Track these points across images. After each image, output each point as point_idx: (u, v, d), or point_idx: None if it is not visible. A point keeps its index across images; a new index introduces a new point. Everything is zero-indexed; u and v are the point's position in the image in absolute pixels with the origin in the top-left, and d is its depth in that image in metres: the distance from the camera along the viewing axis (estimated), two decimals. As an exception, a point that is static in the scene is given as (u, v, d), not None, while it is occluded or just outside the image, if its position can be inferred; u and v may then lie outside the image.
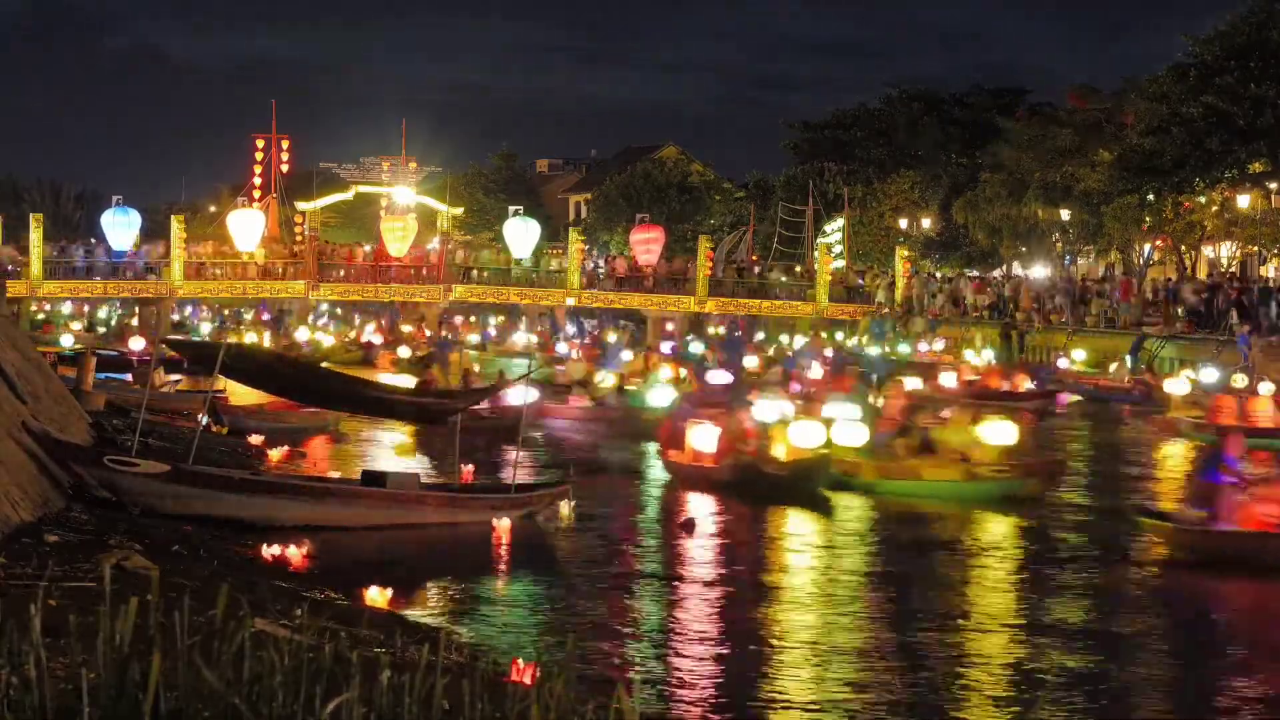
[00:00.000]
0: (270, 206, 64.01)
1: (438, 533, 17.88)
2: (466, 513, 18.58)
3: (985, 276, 61.92)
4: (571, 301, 59.86)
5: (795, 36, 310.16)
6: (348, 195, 71.16)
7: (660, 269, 59.44)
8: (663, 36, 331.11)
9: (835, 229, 68.56)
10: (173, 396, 30.05)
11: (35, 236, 55.91)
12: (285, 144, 67.54)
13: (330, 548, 16.17)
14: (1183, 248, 52.89)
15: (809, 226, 69.43)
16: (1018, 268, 63.72)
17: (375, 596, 13.28)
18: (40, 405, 19.56)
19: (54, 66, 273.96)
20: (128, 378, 33.50)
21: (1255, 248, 49.71)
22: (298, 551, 15.54)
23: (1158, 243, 54.59)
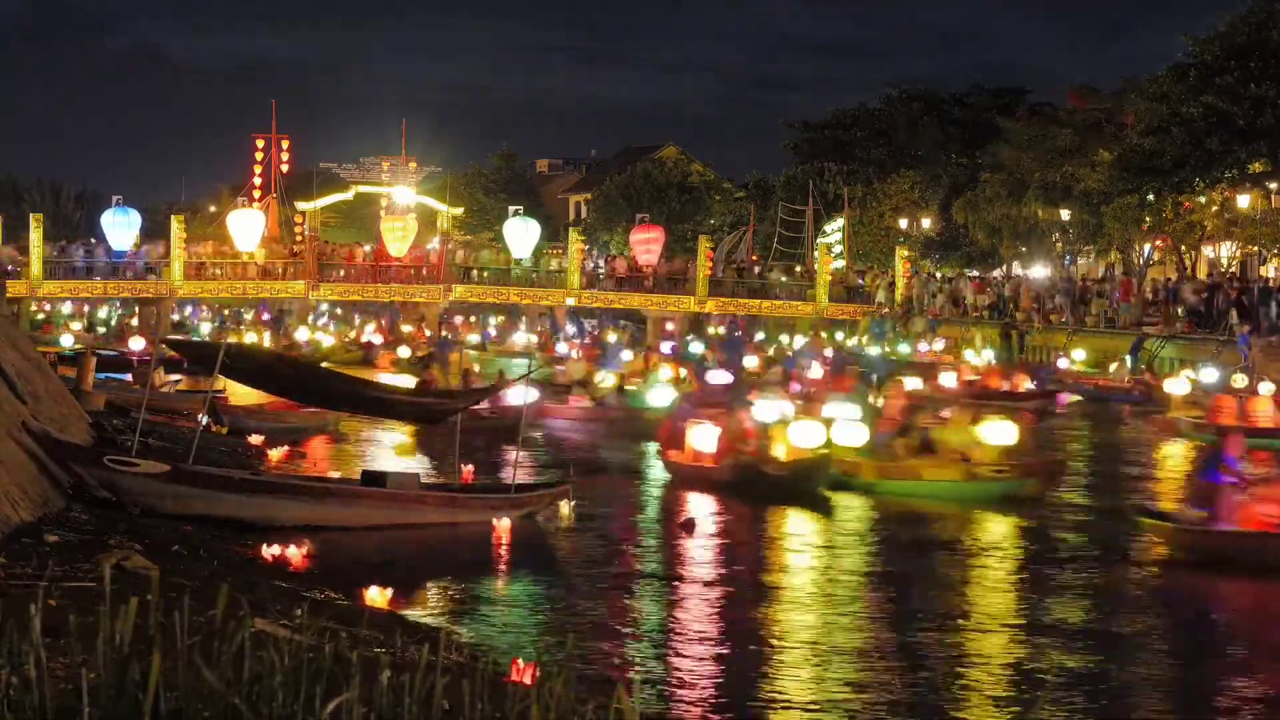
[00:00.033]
0: (270, 206, 64.00)
1: (438, 533, 17.87)
2: (466, 513, 18.59)
3: (985, 276, 61.94)
4: (571, 301, 59.88)
5: (795, 36, 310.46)
6: (348, 195, 71.18)
7: (660, 269, 59.45)
8: (663, 36, 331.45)
9: (835, 229, 68.57)
10: (173, 396, 30.07)
11: (35, 236, 55.92)
12: (285, 144, 67.52)
13: (330, 548, 16.16)
14: (1183, 248, 52.89)
15: (809, 226, 69.43)
16: (1018, 268, 63.73)
17: (375, 596, 13.28)
18: (40, 405, 19.56)
19: (54, 66, 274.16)
20: (128, 378, 33.51)
21: (1255, 248, 49.71)
22: (298, 551, 15.54)
23: (1158, 243, 54.59)
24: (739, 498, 21.02)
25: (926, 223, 66.89)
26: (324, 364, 33.29)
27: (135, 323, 58.01)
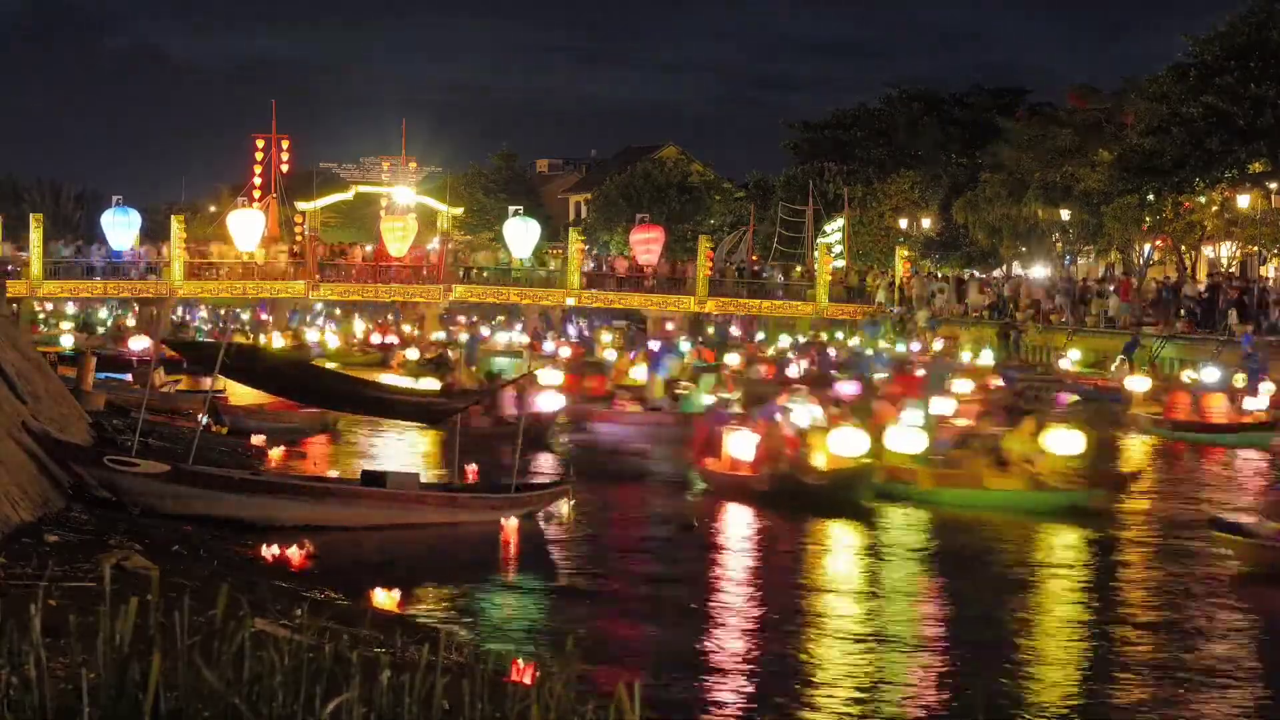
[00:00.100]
0: (270, 206, 64.00)
1: (438, 533, 17.88)
2: (466, 513, 18.60)
3: (985, 276, 61.95)
4: (571, 301, 59.86)
5: (795, 36, 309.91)
6: (348, 195, 71.16)
7: (661, 269, 59.48)
8: (663, 36, 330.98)
9: (835, 229, 68.59)
10: (173, 396, 30.07)
11: (35, 236, 55.94)
12: (285, 144, 67.48)
13: (330, 548, 16.16)
14: (1183, 248, 52.90)
15: (809, 226, 69.45)
16: (1018, 268, 63.75)
17: (376, 596, 13.28)
18: (40, 405, 19.56)
19: (54, 66, 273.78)
20: (127, 378, 33.51)
21: (1255, 248, 49.72)
22: (298, 551, 15.54)
23: (1158, 243, 54.60)
24: (775, 508, 20.09)
25: (926, 223, 66.91)
26: (330, 365, 33.19)
27: (131, 323, 58.01)
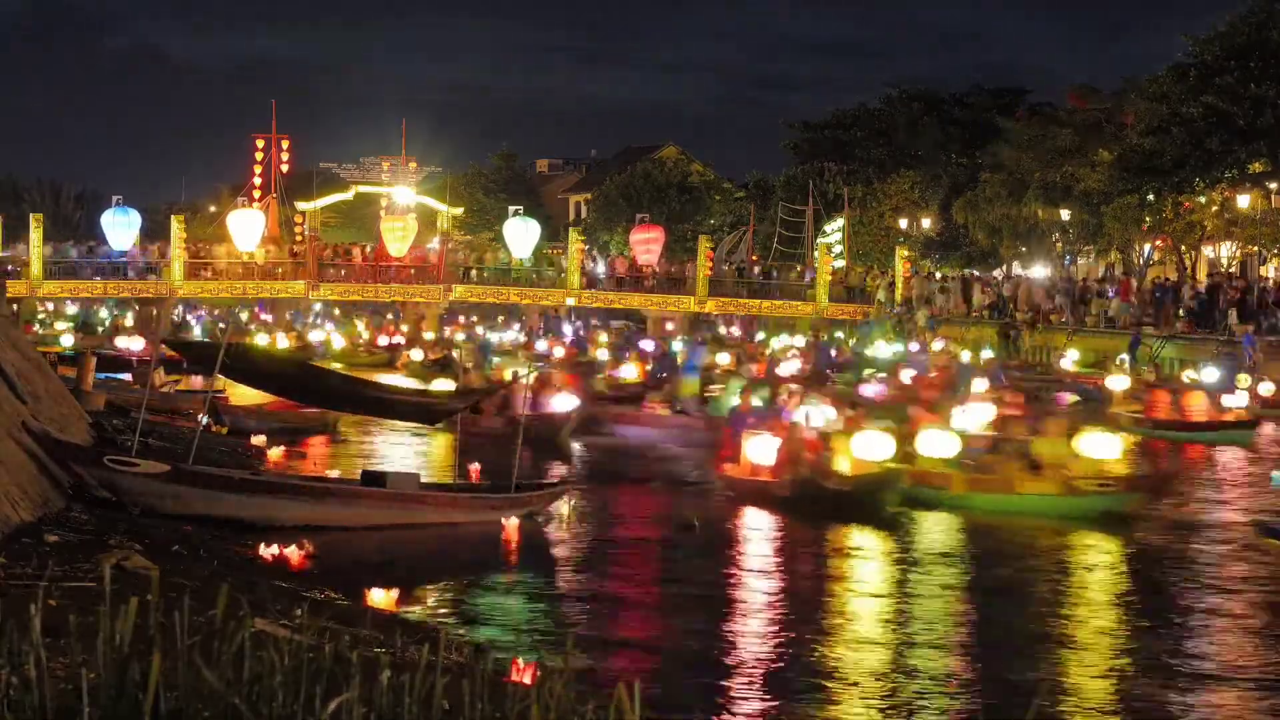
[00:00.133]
0: (270, 206, 64.01)
1: (438, 533, 17.88)
2: (466, 513, 18.60)
3: (985, 276, 61.94)
4: (571, 301, 59.83)
5: (795, 36, 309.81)
6: (348, 195, 71.22)
7: (661, 269, 59.48)
8: (663, 36, 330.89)
9: (835, 229, 68.60)
10: (173, 396, 30.06)
11: (35, 236, 55.96)
12: (285, 144, 67.48)
13: (330, 548, 16.17)
14: (1183, 248, 52.90)
15: (809, 226, 69.45)
16: (1018, 268, 63.74)
17: (375, 596, 13.29)
18: (40, 405, 19.56)
19: (54, 66, 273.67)
20: (127, 377, 33.49)
21: (1255, 248, 49.73)
22: (298, 551, 15.55)
23: (1158, 243, 54.61)
24: (796, 514, 19.59)
25: (926, 223, 66.91)
26: (335, 366, 33.17)
27: (128, 323, 58.03)
